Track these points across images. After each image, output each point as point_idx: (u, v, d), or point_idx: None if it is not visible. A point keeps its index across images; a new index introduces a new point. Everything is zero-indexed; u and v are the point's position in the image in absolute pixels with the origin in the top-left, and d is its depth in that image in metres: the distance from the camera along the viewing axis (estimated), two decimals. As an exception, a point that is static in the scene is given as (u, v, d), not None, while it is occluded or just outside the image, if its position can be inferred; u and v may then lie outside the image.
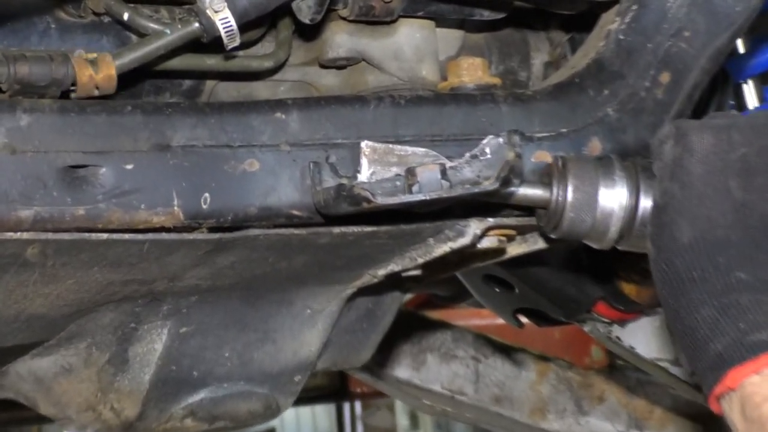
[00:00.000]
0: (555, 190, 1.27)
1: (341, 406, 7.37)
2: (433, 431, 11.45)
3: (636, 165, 1.28)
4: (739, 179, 1.12)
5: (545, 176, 1.30)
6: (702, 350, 1.06)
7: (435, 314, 2.87)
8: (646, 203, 1.26)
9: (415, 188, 1.21)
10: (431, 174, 1.22)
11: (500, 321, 2.14)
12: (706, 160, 1.14)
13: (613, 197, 1.26)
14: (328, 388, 5.08)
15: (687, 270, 1.09)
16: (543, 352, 2.64)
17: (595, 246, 1.31)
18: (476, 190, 1.22)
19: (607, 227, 1.27)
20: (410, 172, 1.22)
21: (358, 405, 7.10)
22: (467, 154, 1.25)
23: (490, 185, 1.21)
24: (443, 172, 1.23)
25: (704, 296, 1.07)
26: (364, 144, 1.26)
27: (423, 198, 1.21)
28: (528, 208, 1.33)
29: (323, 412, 10.36)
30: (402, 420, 9.17)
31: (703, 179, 1.13)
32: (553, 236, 1.31)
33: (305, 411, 8.88)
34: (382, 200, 1.19)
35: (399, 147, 1.27)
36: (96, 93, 1.22)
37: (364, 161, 1.25)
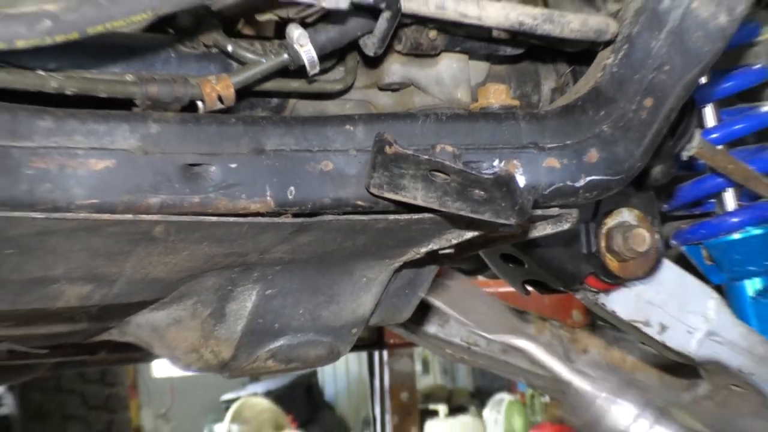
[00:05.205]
0: None
1: (372, 354, 7.36)
2: (441, 374, 11.49)
3: None
4: None
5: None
6: None
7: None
8: None
9: (430, 156, 1.19)
10: (446, 152, 1.20)
11: (508, 289, 2.15)
12: None
13: None
14: (367, 339, 5.07)
15: None
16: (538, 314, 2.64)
17: None
18: (474, 173, 1.16)
19: None
20: (432, 146, 1.21)
21: (385, 353, 7.10)
22: None
23: (486, 173, 1.17)
24: (456, 157, 1.19)
25: None
26: None
27: (426, 158, 1.17)
28: None
29: (354, 359, 10.32)
30: (417, 366, 9.16)
31: None
32: None
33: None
34: (397, 146, 1.17)
35: None
36: (219, 105, 1.24)
37: None
